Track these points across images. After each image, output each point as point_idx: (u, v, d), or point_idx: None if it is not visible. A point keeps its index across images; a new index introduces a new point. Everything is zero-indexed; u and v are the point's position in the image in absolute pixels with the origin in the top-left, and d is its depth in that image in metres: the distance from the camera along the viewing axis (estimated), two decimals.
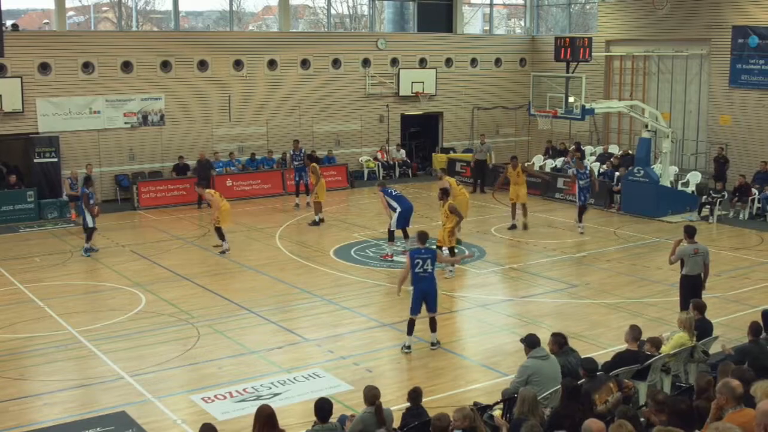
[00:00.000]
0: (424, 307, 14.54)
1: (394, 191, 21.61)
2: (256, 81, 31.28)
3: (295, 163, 28.24)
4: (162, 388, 13.03)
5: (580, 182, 23.42)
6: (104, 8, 32.69)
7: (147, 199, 27.92)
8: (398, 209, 20.84)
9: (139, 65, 28.95)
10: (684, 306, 14.41)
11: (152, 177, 29.10)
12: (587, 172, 23.96)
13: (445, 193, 19.33)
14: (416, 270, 14.41)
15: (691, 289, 15.10)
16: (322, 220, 24.96)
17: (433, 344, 14.79)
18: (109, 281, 19.27)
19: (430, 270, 14.48)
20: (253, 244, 22.81)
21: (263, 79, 31.43)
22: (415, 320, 14.59)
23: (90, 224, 21.47)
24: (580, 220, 23.63)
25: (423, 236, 15.03)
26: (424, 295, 14.50)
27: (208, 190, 22.55)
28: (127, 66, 28.74)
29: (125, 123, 28.94)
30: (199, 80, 30.15)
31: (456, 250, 19.49)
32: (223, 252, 21.38)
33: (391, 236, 21.24)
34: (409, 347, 14.61)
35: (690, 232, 15.58)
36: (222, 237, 21.53)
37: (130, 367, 13.86)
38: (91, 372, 13.80)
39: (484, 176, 30.90)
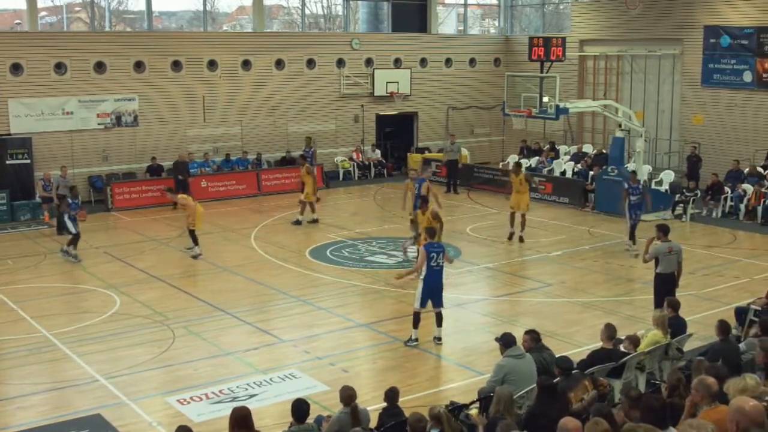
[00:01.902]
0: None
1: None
2: (230, 81, 31.18)
3: (307, 159, 28.20)
4: (137, 391, 12.96)
5: (632, 198, 21.30)
6: (77, 8, 32.46)
7: (121, 200, 27.73)
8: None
9: (113, 66, 28.78)
10: (658, 304, 14.50)
11: (126, 178, 28.93)
12: (639, 187, 21.81)
13: (425, 201, 19.20)
14: (431, 264, 14.60)
15: (665, 287, 15.23)
16: (300, 222, 24.91)
17: (438, 339, 14.90)
18: (83, 283, 19.15)
19: (441, 264, 14.78)
20: (229, 245, 22.73)
21: (238, 80, 31.33)
22: (421, 313, 14.70)
23: (73, 231, 21.10)
24: (630, 239, 21.52)
25: (432, 231, 15.16)
26: (434, 290, 14.73)
27: (180, 195, 22.29)
28: (100, 66, 28.58)
29: (98, 124, 28.77)
30: (172, 81, 30.02)
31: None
32: (195, 256, 21.24)
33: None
34: (416, 340, 14.73)
35: (664, 231, 15.72)
36: (196, 241, 21.43)
37: (105, 369, 13.77)
38: (65, 375, 13.71)
39: (456, 176, 30.97)
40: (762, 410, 6.00)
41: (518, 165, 24.09)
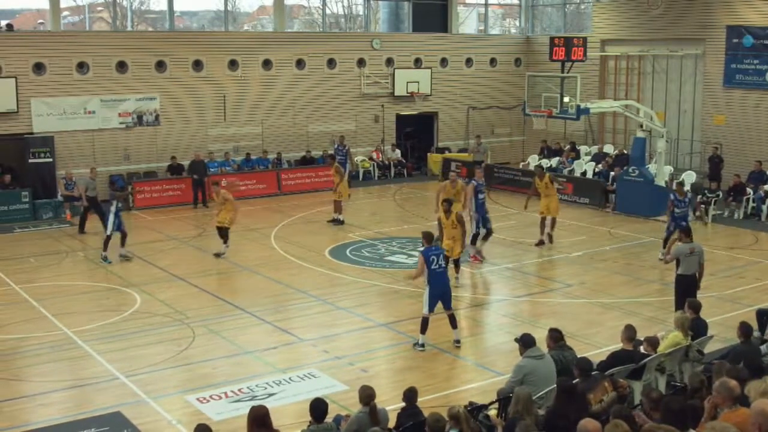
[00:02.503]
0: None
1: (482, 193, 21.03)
2: (251, 81, 31.27)
3: (338, 157, 28.25)
4: (157, 389, 13.01)
5: (677, 210, 20.29)
6: (99, 8, 32.63)
7: (142, 199, 27.83)
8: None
9: (134, 65, 28.92)
10: (679, 305, 14.42)
11: (147, 177, 29.06)
12: (686, 200, 20.67)
13: (450, 204, 18.58)
14: (433, 267, 14.49)
15: (687, 288, 15.14)
16: (341, 221, 24.97)
17: (457, 341, 14.80)
18: (103, 282, 19.24)
19: (444, 265, 14.73)
20: (249, 244, 22.78)
21: (258, 79, 31.41)
22: (429, 318, 14.62)
23: (108, 231, 21.03)
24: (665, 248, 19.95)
25: (429, 236, 15.01)
26: (442, 293, 14.63)
27: (224, 190, 21.70)
28: (122, 66, 28.72)
29: (120, 123, 28.91)
30: (194, 80, 30.13)
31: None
32: (219, 255, 21.26)
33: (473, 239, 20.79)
34: (423, 345, 14.66)
35: (686, 232, 15.65)
36: (226, 240, 21.31)
37: (125, 367, 13.83)
38: (85, 372, 13.78)
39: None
40: None
41: (541, 168, 23.77)
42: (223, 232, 21.24)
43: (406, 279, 17.02)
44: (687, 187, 23.41)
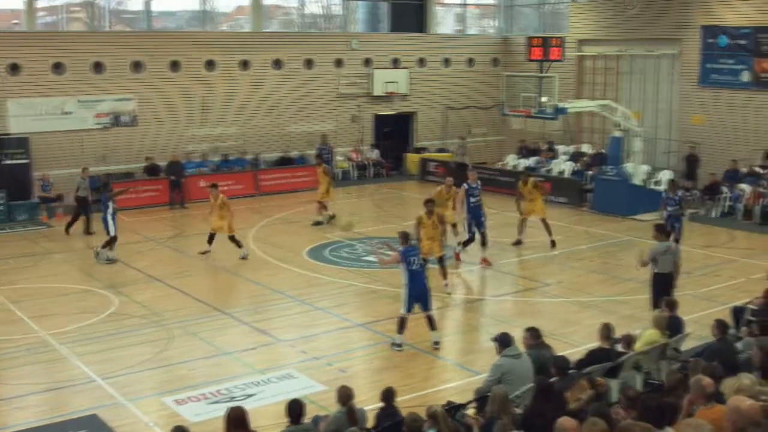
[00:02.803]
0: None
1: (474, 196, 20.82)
2: (228, 81, 31.17)
3: (326, 156, 28.61)
4: (134, 391, 12.95)
5: (669, 208, 20.45)
6: (75, 8, 32.38)
7: (119, 200, 27.53)
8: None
9: (111, 66, 28.76)
10: (656, 304, 14.52)
11: (124, 178, 28.86)
12: (677, 198, 20.66)
13: (433, 204, 18.43)
14: (413, 267, 14.49)
15: (663, 286, 15.24)
16: (321, 222, 24.91)
17: (435, 343, 14.77)
18: (80, 283, 19.13)
19: (422, 264, 14.81)
20: (227, 245, 22.67)
21: (236, 80, 31.32)
22: (407, 318, 14.61)
23: (112, 232, 20.98)
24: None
25: (405, 236, 14.99)
26: (420, 293, 14.62)
27: (222, 195, 21.59)
28: (98, 66, 28.55)
29: (97, 124, 28.73)
30: (171, 81, 30.00)
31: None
32: (244, 257, 21.06)
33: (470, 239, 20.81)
34: (400, 345, 14.66)
35: (662, 230, 15.77)
36: (239, 244, 21.16)
37: (102, 369, 13.76)
38: (62, 375, 13.70)
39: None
40: (758, 409, 6.02)
41: (526, 174, 23.78)
42: (230, 239, 21.09)
43: (378, 261, 16.69)
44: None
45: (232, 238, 21.14)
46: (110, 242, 21.03)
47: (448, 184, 21.67)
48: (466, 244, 20.72)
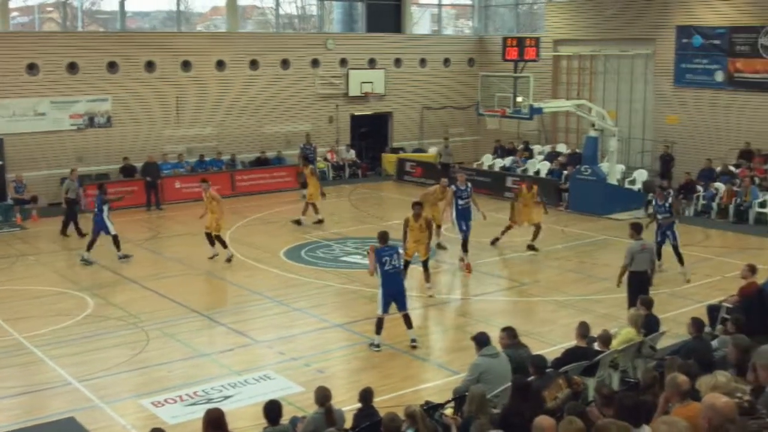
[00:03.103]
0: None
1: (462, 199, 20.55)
2: (204, 82, 31.06)
3: (310, 155, 28.86)
4: (111, 393, 12.88)
5: (659, 217, 19.36)
6: (49, 8, 32.19)
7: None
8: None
9: (85, 66, 28.57)
10: (632, 302, 14.60)
11: (99, 179, 28.67)
12: (667, 204, 19.37)
13: (421, 207, 18.21)
14: (386, 268, 14.46)
15: (639, 285, 15.34)
16: (300, 222, 24.83)
17: (413, 341, 14.76)
18: (55, 286, 18.99)
19: (397, 265, 14.68)
20: (203, 246, 22.59)
21: (212, 80, 31.21)
22: (384, 318, 14.62)
23: (112, 231, 21.02)
24: (680, 263, 19.28)
25: (384, 236, 14.97)
26: (395, 294, 14.60)
27: (212, 191, 21.42)
28: (72, 67, 28.36)
29: (71, 125, 28.54)
30: (146, 81, 29.84)
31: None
32: (229, 259, 20.86)
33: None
34: (378, 345, 14.66)
35: (637, 229, 15.88)
36: (224, 244, 21.03)
37: (78, 372, 13.67)
38: (38, 378, 13.60)
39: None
40: (733, 406, 6.06)
41: (533, 179, 23.13)
42: (216, 239, 20.91)
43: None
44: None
45: (218, 237, 20.95)
46: (115, 240, 21.10)
47: (443, 184, 21.45)
48: (465, 248, 20.30)
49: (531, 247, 21.68)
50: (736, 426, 5.84)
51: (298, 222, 24.81)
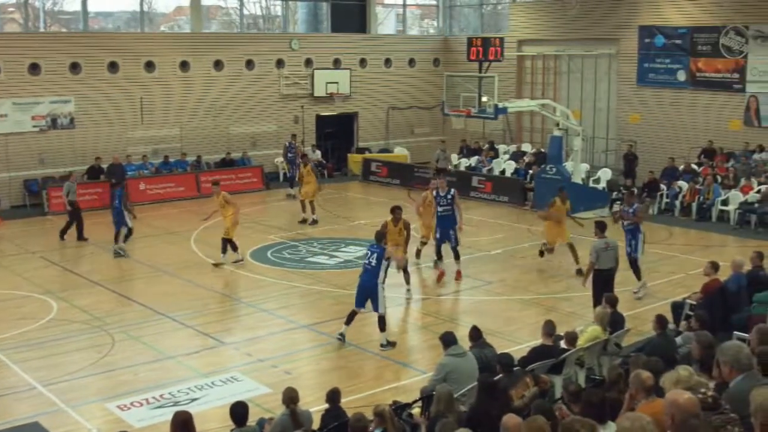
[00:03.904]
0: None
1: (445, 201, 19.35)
2: (168, 82, 30.87)
3: (289, 155, 29.02)
4: (76, 397, 12.76)
5: (625, 223, 17.96)
6: (10, 9, 31.82)
7: (57, 203, 27.21)
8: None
9: (48, 67, 28.29)
10: (597, 300, 14.73)
11: (63, 181, 28.37)
12: (631, 210, 17.83)
13: (401, 211, 18.03)
14: (364, 261, 14.96)
15: (604, 282, 15.47)
16: (315, 221, 24.82)
17: (382, 346, 14.77)
18: (18, 289, 18.76)
19: (374, 264, 14.73)
20: (168, 247, 22.51)
21: (176, 81, 31.03)
22: (357, 313, 14.79)
23: (129, 224, 21.44)
24: (637, 277, 17.87)
25: (379, 236, 15.24)
26: (364, 290, 14.79)
27: (224, 192, 21.16)
28: (34, 68, 28.07)
29: (34, 126, 28.24)
30: (109, 82, 29.60)
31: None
32: (238, 261, 20.63)
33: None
34: (342, 335, 14.81)
35: (601, 228, 16.03)
36: (234, 247, 20.64)
37: (43, 376, 13.54)
38: (1, 383, 13.43)
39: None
40: (696, 402, 6.10)
41: (563, 190, 20.76)
42: (229, 244, 20.57)
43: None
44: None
45: (227, 242, 20.58)
46: (127, 234, 21.43)
47: (432, 187, 21.12)
48: (438, 255, 19.62)
49: (579, 272, 18.61)
50: (699, 421, 5.89)
51: (304, 221, 24.70)
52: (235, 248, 20.63)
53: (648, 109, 30.60)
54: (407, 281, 18.10)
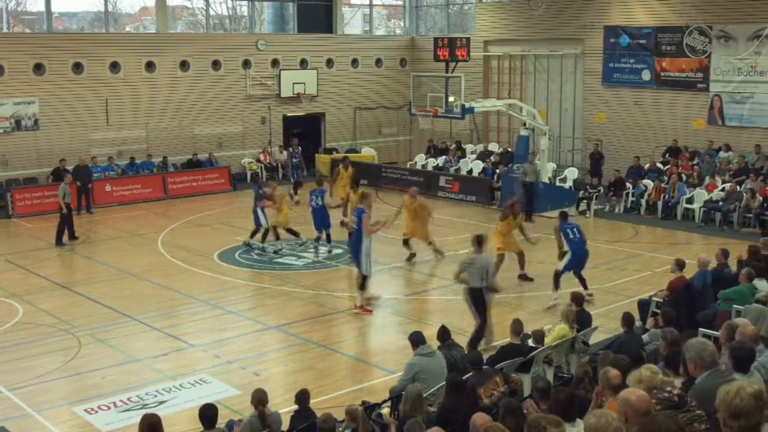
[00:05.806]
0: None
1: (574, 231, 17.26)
2: (134, 83, 30.64)
3: (294, 160, 30.47)
4: (43, 401, 12.65)
5: (571, 235, 17.14)
6: None
7: (22, 206, 26.97)
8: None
9: (11, 68, 27.99)
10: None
11: (27, 183, 28.18)
12: (575, 228, 17.31)
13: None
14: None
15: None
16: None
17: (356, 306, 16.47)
18: None
19: (356, 228, 16.55)
20: (135, 250, 22.35)
21: (141, 82, 30.81)
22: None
23: (264, 224, 21.89)
24: (584, 287, 16.99)
25: (364, 197, 16.02)
26: (353, 250, 16.96)
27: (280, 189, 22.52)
28: None
29: None
30: (74, 83, 29.33)
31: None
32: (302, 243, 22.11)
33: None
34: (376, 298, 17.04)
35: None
36: (295, 233, 22.06)
37: (9, 380, 13.41)
38: None
39: (534, 200, 26.39)
40: (648, 401, 6.16)
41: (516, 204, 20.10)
42: (288, 231, 21.99)
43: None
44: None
45: (290, 230, 22.02)
46: (258, 233, 22.06)
47: (411, 194, 21.04)
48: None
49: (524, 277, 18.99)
50: (647, 419, 5.95)
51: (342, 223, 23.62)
52: (296, 234, 21.99)
53: (613, 109, 30.85)
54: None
